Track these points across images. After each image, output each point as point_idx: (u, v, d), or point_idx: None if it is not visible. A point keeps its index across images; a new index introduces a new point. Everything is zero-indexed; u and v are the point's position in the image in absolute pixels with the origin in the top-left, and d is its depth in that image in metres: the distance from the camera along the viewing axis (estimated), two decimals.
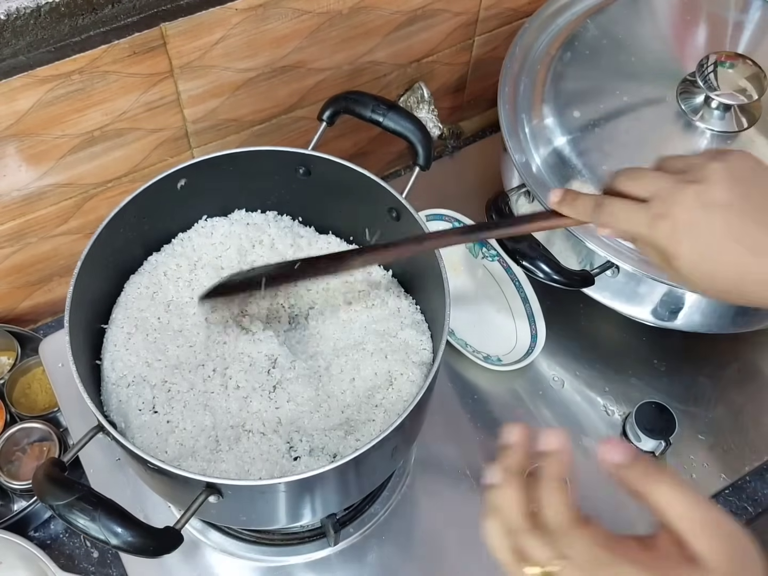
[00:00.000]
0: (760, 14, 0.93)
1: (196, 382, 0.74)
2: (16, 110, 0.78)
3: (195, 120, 0.91)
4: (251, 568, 0.82)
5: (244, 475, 0.68)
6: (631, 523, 0.85)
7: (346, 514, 0.84)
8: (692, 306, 0.84)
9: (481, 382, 0.93)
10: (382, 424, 0.71)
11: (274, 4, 0.84)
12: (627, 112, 0.87)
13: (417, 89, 1.05)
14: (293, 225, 0.84)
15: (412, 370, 0.73)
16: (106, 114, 0.84)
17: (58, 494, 0.57)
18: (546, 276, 0.77)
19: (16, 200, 0.86)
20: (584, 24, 0.93)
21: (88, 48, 0.77)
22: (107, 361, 0.74)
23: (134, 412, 0.71)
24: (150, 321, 0.77)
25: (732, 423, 0.92)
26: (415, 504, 0.86)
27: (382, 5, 0.93)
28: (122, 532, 0.57)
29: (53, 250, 0.95)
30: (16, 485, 0.87)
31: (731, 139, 0.84)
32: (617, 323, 0.96)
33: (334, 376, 0.75)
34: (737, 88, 0.83)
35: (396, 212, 0.77)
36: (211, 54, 0.85)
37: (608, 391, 0.94)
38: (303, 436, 0.71)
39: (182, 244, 0.82)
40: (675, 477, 0.46)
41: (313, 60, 0.93)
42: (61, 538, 0.89)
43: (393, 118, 0.80)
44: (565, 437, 0.50)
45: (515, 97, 0.91)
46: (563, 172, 0.85)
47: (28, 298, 0.99)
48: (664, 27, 0.95)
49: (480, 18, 1.04)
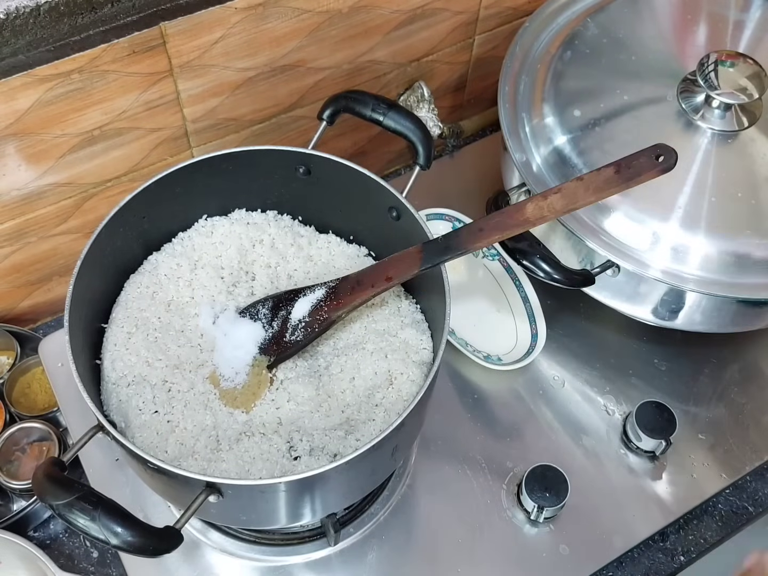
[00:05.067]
0: (760, 13, 0.93)
1: (197, 382, 0.74)
2: (15, 109, 0.78)
3: (195, 119, 0.91)
4: (251, 568, 0.82)
5: (244, 474, 0.68)
6: (630, 523, 0.85)
7: (346, 514, 0.84)
8: (692, 305, 0.83)
9: (482, 382, 0.93)
10: (382, 424, 0.71)
11: (274, 3, 0.84)
12: (627, 111, 0.87)
13: (417, 88, 1.05)
14: (293, 224, 0.84)
15: (412, 369, 0.73)
16: (106, 113, 0.83)
17: (58, 494, 0.57)
18: (546, 275, 0.77)
19: (15, 199, 0.86)
20: (584, 23, 0.93)
21: (87, 47, 0.77)
22: (107, 361, 0.74)
23: (134, 411, 0.71)
24: (150, 320, 0.77)
25: (732, 423, 0.92)
26: (415, 504, 0.86)
27: (382, 4, 0.92)
28: (122, 532, 0.56)
29: (53, 250, 0.95)
30: (16, 485, 0.87)
31: (732, 138, 0.84)
32: (618, 323, 0.96)
33: (334, 376, 0.75)
34: (738, 87, 0.83)
35: (396, 211, 0.76)
36: (211, 53, 0.85)
37: (608, 391, 0.94)
38: (303, 436, 0.71)
39: (182, 243, 0.82)
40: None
41: (313, 59, 0.93)
42: (61, 537, 0.89)
43: (393, 117, 0.80)
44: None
45: (515, 96, 0.91)
46: (563, 171, 0.85)
47: (28, 298, 0.99)
48: (665, 26, 0.95)
49: (480, 17, 1.04)
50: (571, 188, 0.65)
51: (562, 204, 0.65)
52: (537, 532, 0.84)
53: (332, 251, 0.83)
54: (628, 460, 0.89)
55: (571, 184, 0.65)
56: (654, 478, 0.88)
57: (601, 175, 0.65)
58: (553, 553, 0.83)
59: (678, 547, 0.88)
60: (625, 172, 0.64)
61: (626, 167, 0.64)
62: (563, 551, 0.83)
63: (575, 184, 0.65)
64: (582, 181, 0.65)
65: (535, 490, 0.82)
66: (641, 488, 0.87)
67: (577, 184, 0.65)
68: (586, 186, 0.65)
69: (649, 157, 0.64)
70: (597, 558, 0.83)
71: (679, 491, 0.88)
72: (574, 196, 0.65)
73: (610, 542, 0.84)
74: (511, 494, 0.86)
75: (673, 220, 0.81)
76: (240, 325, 0.77)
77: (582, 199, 0.65)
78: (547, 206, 0.65)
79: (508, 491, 0.86)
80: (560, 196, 0.65)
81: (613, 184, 0.64)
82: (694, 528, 0.89)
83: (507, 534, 0.84)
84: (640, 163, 0.64)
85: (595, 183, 0.65)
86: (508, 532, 0.84)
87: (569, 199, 0.65)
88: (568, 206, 0.65)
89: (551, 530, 0.84)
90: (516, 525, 0.84)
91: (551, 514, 0.83)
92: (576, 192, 0.65)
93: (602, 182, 0.64)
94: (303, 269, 0.82)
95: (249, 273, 0.82)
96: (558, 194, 0.65)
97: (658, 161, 0.64)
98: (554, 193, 0.65)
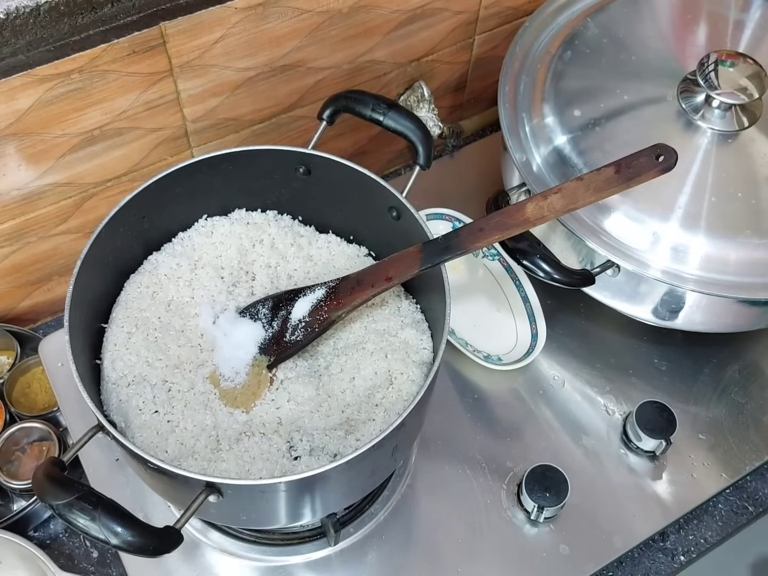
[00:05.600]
0: (760, 13, 0.93)
1: (197, 382, 0.74)
2: (15, 109, 0.78)
3: (194, 119, 0.91)
4: (251, 567, 0.82)
5: (244, 474, 0.68)
6: (629, 524, 0.85)
7: (346, 514, 0.84)
8: (693, 305, 0.83)
9: (482, 382, 0.93)
10: (383, 424, 0.71)
11: (274, 3, 0.84)
12: (627, 111, 0.87)
13: (417, 88, 1.05)
14: (293, 224, 0.84)
15: (412, 369, 0.73)
16: (106, 113, 0.83)
17: (58, 494, 0.57)
18: (546, 275, 0.77)
19: (15, 199, 0.86)
20: (584, 23, 0.93)
21: (87, 47, 0.77)
22: (107, 361, 0.74)
23: (134, 411, 0.71)
24: (150, 320, 0.76)
25: (732, 422, 0.92)
26: (415, 504, 0.86)
27: (382, 4, 0.92)
28: (122, 532, 0.56)
29: (53, 250, 0.95)
30: (16, 485, 0.87)
31: (732, 138, 0.84)
32: (618, 322, 0.96)
33: (334, 376, 0.75)
34: (738, 87, 0.83)
35: (396, 211, 0.76)
36: (211, 53, 0.85)
37: (609, 391, 0.94)
38: (303, 436, 0.71)
39: (182, 243, 0.82)
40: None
41: (313, 59, 0.93)
42: (61, 537, 0.89)
43: (393, 117, 0.80)
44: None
45: (515, 96, 0.91)
46: (564, 171, 0.85)
47: (28, 298, 0.99)
48: (665, 26, 0.95)
49: (480, 17, 1.04)
50: (571, 188, 0.65)
51: (562, 204, 0.65)
52: (537, 532, 0.84)
53: (332, 251, 0.83)
54: (628, 460, 0.89)
55: (571, 184, 0.65)
56: (654, 478, 0.88)
57: (601, 175, 0.65)
58: (553, 553, 0.83)
59: (678, 547, 0.88)
60: (625, 172, 0.64)
61: (626, 167, 0.64)
62: (563, 551, 0.83)
63: (575, 184, 0.65)
64: (582, 181, 0.65)
65: (535, 490, 0.82)
66: (641, 488, 0.87)
67: (577, 184, 0.65)
68: (586, 186, 0.65)
69: (649, 157, 0.64)
70: (597, 558, 0.83)
71: (679, 491, 0.87)
72: (574, 196, 0.65)
73: (610, 542, 0.84)
74: (511, 494, 0.86)
75: (673, 220, 0.81)
76: (240, 325, 0.77)
77: (582, 199, 0.65)
78: (547, 206, 0.65)
79: (508, 491, 0.86)
80: (560, 196, 0.65)
81: (613, 184, 0.64)
82: (694, 528, 0.89)
83: (507, 534, 0.84)
84: (640, 163, 0.64)
85: (595, 183, 0.65)
86: (508, 532, 0.84)
87: (569, 199, 0.65)
88: (568, 206, 0.65)
89: (551, 530, 0.84)
90: (516, 525, 0.84)
91: (551, 514, 0.83)
92: (576, 192, 0.65)
93: (602, 182, 0.64)
94: (303, 269, 0.82)
95: (249, 273, 0.82)
96: (558, 194, 0.65)
97: (658, 161, 0.64)
98: (554, 193, 0.65)
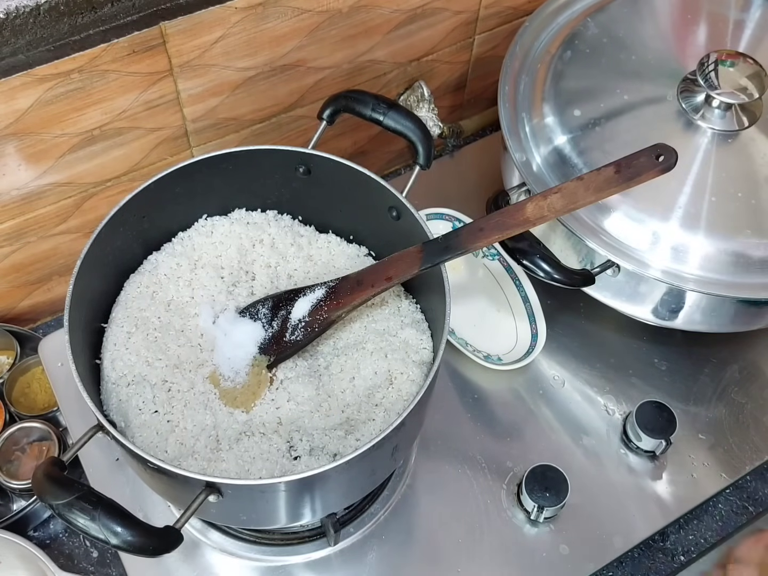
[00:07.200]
0: (760, 13, 0.93)
1: (197, 382, 0.74)
2: (15, 109, 0.78)
3: (194, 119, 0.91)
4: (251, 567, 0.82)
5: (244, 474, 0.68)
6: (629, 523, 0.85)
7: (346, 514, 0.84)
8: (692, 305, 0.83)
9: (482, 382, 0.93)
10: (382, 424, 0.71)
11: (274, 3, 0.84)
12: (627, 111, 0.86)
13: (417, 88, 1.05)
14: (293, 224, 0.84)
15: (412, 369, 0.73)
16: (106, 113, 0.83)
17: (58, 493, 0.57)
18: (546, 275, 0.77)
19: (15, 199, 0.86)
20: (584, 22, 0.93)
21: (87, 47, 0.77)
22: (107, 361, 0.74)
23: (134, 411, 0.71)
24: (150, 320, 0.76)
25: (732, 422, 0.92)
26: (415, 504, 0.86)
27: (382, 4, 0.92)
28: (122, 532, 0.56)
29: (53, 249, 0.95)
30: (16, 485, 0.87)
31: (732, 138, 0.84)
32: (618, 322, 0.96)
33: (334, 376, 0.75)
34: (738, 86, 0.83)
35: (396, 211, 0.76)
36: (211, 53, 0.85)
37: (609, 391, 0.94)
38: (303, 436, 0.71)
39: (182, 243, 0.82)
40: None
41: (313, 59, 0.93)
42: (61, 537, 0.89)
43: (393, 116, 0.79)
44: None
45: (515, 96, 0.91)
46: (564, 171, 0.85)
47: (28, 298, 0.99)
48: (665, 25, 0.95)
49: (480, 16, 1.04)
50: (571, 188, 0.65)
51: (562, 204, 0.65)
52: (537, 532, 0.84)
53: (332, 251, 0.83)
54: (628, 459, 0.89)
55: (571, 183, 0.65)
56: (654, 477, 0.88)
57: (601, 175, 0.65)
58: (553, 553, 0.83)
59: (678, 547, 0.88)
60: (625, 172, 0.64)
61: (626, 167, 0.64)
62: (563, 551, 0.83)
63: (575, 183, 0.65)
64: (582, 180, 0.65)
65: (535, 490, 0.82)
66: (641, 488, 0.87)
67: (577, 184, 0.65)
68: (586, 186, 0.65)
69: (649, 156, 0.64)
70: (597, 558, 0.83)
71: (679, 491, 0.87)
72: (574, 195, 0.65)
73: (610, 542, 0.84)
74: (511, 494, 0.86)
75: (673, 219, 0.81)
76: (240, 325, 0.77)
77: (582, 199, 0.65)
78: (547, 206, 0.65)
79: (508, 491, 0.86)
80: (560, 195, 0.65)
81: (613, 183, 0.64)
82: (694, 528, 0.89)
83: (507, 534, 0.84)
84: (640, 162, 0.64)
85: (595, 183, 0.65)
86: (508, 532, 0.84)
87: (569, 199, 0.65)
88: (568, 206, 0.65)
89: (551, 530, 0.84)
90: (516, 525, 0.84)
91: (551, 514, 0.83)
92: (576, 192, 0.65)
93: (602, 182, 0.64)
94: (303, 269, 0.82)
95: (249, 273, 0.82)
96: (558, 194, 0.65)
97: (658, 161, 0.64)
98: (554, 193, 0.65)
